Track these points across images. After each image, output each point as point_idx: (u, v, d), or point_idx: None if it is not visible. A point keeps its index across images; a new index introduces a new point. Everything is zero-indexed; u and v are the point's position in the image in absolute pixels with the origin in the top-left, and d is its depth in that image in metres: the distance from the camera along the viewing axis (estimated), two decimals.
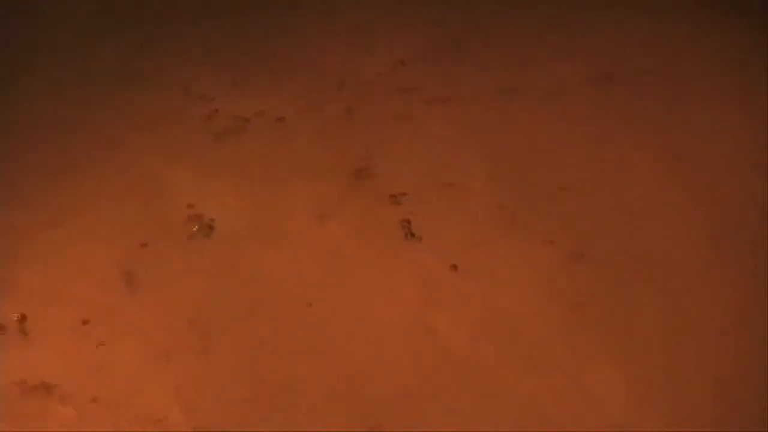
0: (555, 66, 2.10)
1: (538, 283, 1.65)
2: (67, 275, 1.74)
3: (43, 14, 2.42)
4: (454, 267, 1.69)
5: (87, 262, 1.76)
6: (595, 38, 2.18)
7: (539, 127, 1.96)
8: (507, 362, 1.54)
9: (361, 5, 2.33)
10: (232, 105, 2.08)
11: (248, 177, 1.91)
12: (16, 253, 1.77)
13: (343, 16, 2.32)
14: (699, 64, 2.08)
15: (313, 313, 1.63)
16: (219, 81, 2.15)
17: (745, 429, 1.43)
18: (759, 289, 1.60)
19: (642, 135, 1.92)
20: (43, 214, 1.85)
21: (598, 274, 1.66)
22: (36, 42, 2.33)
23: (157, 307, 1.66)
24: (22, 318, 1.65)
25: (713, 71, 2.06)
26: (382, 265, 1.70)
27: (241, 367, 1.56)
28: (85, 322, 1.64)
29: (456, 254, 1.70)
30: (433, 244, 1.73)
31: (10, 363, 1.59)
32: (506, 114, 1.99)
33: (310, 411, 1.50)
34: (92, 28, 2.35)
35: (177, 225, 1.81)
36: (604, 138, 1.92)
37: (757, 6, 2.19)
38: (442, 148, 1.93)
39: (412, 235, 1.75)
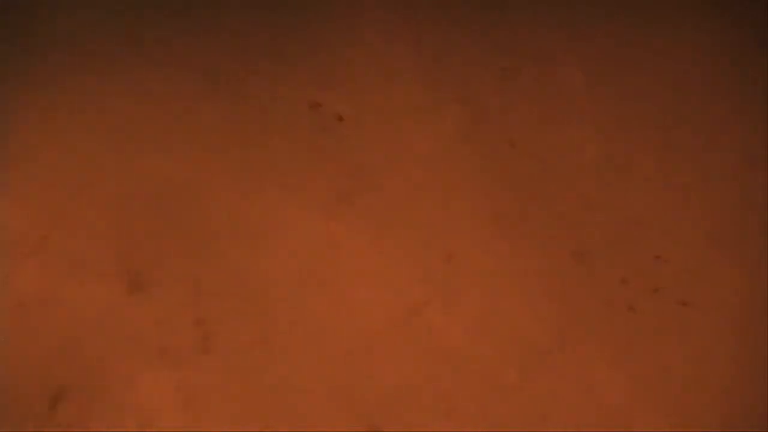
0: (553, 64, 2.10)
1: (538, 283, 1.65)
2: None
3: None
4: (454, 266, 1.69)
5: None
6: (593, 36, 2.18)
7: (537, 125, 1.96)
8: (507, 362, 1.54)
9: None
10: None
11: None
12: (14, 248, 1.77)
13: None
14: (698, 63, 2.08)
15: (313, 312, 1.63)
16: None
17: (747, 429, 1.44)
18: (759, 289, 1.61)
19: (641, 134, 1.92)
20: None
21: (598, 274, 1.66)
22: None
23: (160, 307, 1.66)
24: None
25: (713, 71, 2.06)
26: (382, 263, 1.70)
27: (240, 367, 1.56)
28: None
29: (455, 253, 1.70)
30: (431, 242, 1.73)
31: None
32: (503, 112, 1.99)
33: (310, 411, 1.50)
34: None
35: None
36: (603, 137, 1.92)
37: (757, 5, 2.19)
38: (438, 147, 1.93)
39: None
